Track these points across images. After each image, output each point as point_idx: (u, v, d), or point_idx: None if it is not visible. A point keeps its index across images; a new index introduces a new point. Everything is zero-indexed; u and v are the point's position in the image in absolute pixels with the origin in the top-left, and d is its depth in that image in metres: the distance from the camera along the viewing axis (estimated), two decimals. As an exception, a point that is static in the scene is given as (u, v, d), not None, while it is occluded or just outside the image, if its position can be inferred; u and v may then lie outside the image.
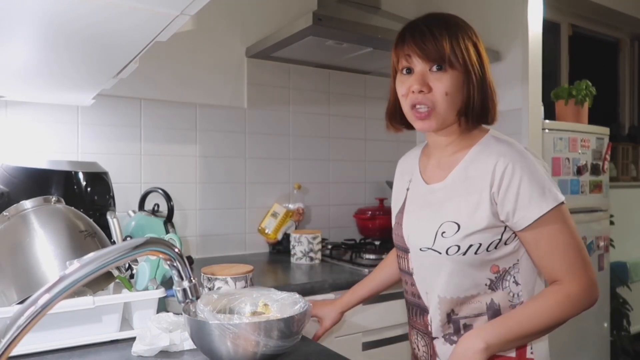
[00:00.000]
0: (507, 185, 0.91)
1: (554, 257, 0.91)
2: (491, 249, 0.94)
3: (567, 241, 0.91)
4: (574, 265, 0.90)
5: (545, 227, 0.90)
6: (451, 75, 0.94)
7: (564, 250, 0.91)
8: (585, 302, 0.90)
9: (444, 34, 0.94)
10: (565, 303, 0.89)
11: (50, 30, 0.82)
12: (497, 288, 0.96)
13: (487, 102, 0.99)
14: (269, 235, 2.14)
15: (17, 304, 0.96)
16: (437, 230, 0.97)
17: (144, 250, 0.67)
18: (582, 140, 2.38)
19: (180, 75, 2.03)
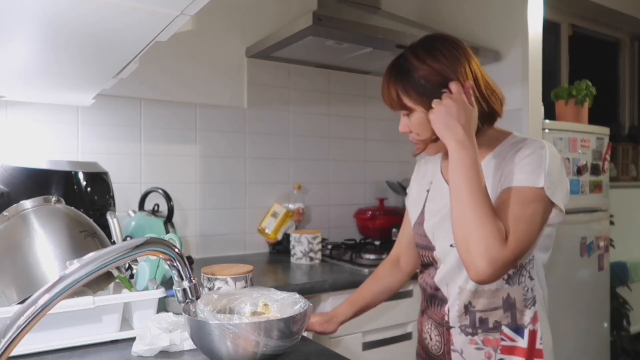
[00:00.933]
0: (511, 158, 0.96)
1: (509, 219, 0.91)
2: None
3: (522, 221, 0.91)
4: (516, 238, 0.89)
5: (515, 195, 0.92)
6: (415, 116, 1.02)
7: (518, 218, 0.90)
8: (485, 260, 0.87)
9: (394, 86, 1.03)
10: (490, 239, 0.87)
11: (50, 30, 0.82)
12: (514, 283, 1.00)
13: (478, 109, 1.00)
14: (269, 235, 2.14)
15: (17, 304, 0.96)
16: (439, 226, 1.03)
17: (144, 250, 0.67)
18: (582, 140, 2.38)
19: (180, 75, 2.03)
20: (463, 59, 0.98)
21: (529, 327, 1.01)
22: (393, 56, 1.14)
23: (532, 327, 1.01)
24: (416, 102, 0.99)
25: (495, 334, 1.01)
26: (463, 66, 0.97)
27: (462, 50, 1.00)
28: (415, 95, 0.99)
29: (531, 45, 2.14)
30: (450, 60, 0.97)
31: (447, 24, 2.43)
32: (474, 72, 0.99)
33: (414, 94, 0.99)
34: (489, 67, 2.28)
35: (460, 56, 0.98)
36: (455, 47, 1.00)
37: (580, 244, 2.36)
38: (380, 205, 2.43)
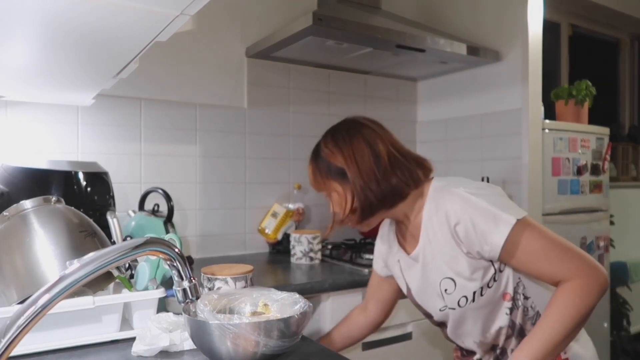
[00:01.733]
0: (464, 230, 0.96)
1: (542, 265, 0.94)
2: (492, 283, 1.00)
3: (543, 245, 0.94)
4: (564, 261, 0.93)
5: (517, 246, 0.94)
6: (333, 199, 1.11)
7: (545, 254, 0.93)
8: (594, 286, 0.91)
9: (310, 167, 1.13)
10: (575, 297, 0.91)
11: (50, 30, 0.82)
12: (514, 310, 1.03)
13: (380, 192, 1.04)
14: (269, 235, 2.14)
15: (17, 304, 0.96)
16: (439, 291, 1.04)
17: (144, 250, 0.67)
18: (582, 140, 2.38)
19: (180, 75, 2.03)
20: (363, 144, 1.04)
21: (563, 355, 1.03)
22: (393, 56, 1.16)
23: (563, 355, 1.03)
24: (327, 182, 1.08)
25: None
26: (361, 150, 1.04)
27: (365, 135, 1.05)
28: (325, 175, 1.08)
29: (531, 45, 2.14)
30: (350, 145, 1.05)
31: (446, 24, 2.43)
32: (376, 153, 1.04)
33: (324, 174, 1.08)
34: (489, 67, 2.28)
35: (361, 141, 1.05)
36: (358, 132, 1.06)
37: (580, 244, 2.36)
38: (380, 205, 2.43)
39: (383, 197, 1.04)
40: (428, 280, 1.06)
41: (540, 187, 2.19)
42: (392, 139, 1.08)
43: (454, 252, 0.99)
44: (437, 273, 1.03)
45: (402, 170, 1.04)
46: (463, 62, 2.27)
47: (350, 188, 1.05)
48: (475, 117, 2.37)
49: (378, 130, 1.08)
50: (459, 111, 2.46)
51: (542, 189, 2.20)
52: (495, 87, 2.27)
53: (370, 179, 1.03)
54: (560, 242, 0.95)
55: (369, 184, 1.03)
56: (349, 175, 1.04)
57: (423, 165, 1.08)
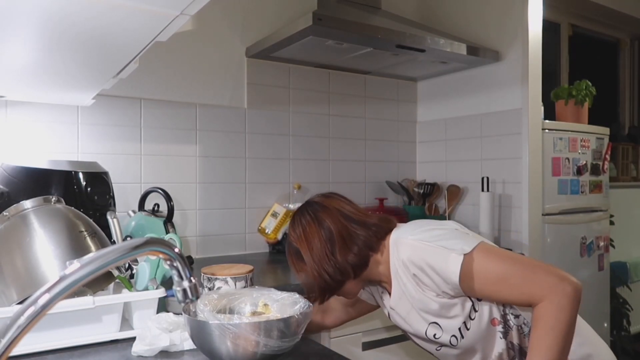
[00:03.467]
0: (423, 276, 0.98)
1: (506, 293, 0.94)
2: (474, 315, 1.00)
3: (500, 272, 0.94)
4: (526, 283, 0.92)
5: (473, 279, 0.94)
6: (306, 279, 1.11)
7: (505, 281, 0.94)
8: (565, 301, 0.89)
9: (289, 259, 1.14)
10: (551, 320, 0.89)
11: (50, 30, 0.82)
12: (508, 332, 1.02)
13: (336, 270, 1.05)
14: (269, 235, 2.14)
15: (17, 304, 0.96)
16: (429, 337, 1.05)
17: (144, 250, 0.67)
18: (582, 140, 2.38)
19: (180, 75, 2.03)
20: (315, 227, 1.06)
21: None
22: (393, 56, 1.16)
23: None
24: (296, 264, 1.10)
25: None
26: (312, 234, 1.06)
27: (317, 216, 1.08)
28: (293, 258, 1.10)
29: (531, 45, 2.14)
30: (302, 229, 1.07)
31: (447, 24, 2.43)
32: (327, 234, 1.05)
33: (292, 256, 1.10)
34: (489, 67, 2.28)
35: (313, 224, 1.07)
36: (312, 213, 1.08)
37: (580, 244, 2.36)
38: (380, 205, 2.43)
39: (341, 274, 1.05)
40: (415, 329, 1.08)
41: (540, 187, 2.19)
42: (344, 214, 1.09)
43: (425, 298, 1.00)
44: (419, 323, 1.05)
45: (357, 244, 1.05)
46: (463, 62, 2.27)
47: (309, 274, 1.07)
48: (475, 117, 2.37)
49: (330, 207, 1.09)
50: (459, 111, 2.46)
51: (542, 189, 2.20)
52: (495, 87, 2.27)
53: (324, 261, 1.04)
54: (518, 264, 0.95)
55: (324, 265, 1.04)
56: (305, 259, 1.06)
57: (382, 226, 1.08)
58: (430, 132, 2.63)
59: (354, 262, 1.05)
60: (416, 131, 2.70)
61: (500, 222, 2.24)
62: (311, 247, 1.05)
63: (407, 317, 1.08)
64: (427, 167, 2.64)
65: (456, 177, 2.47)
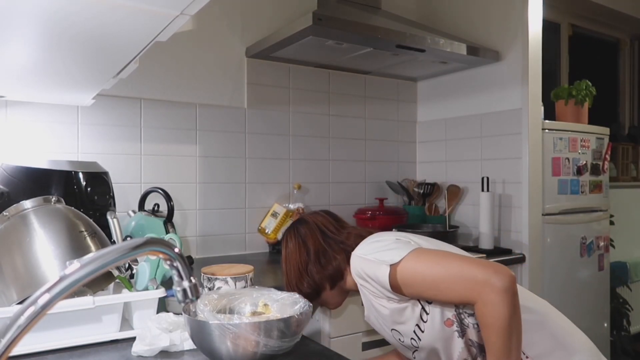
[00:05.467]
0: (367, 284, 1.06)
1: (439, 296, 0.99)
2: (426, 317, 1.03)
3: (425, 278, 0.98)
4: (454, 286, 0.96)
5: (402, 285, 1.00)
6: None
7: (433, 286, 0.98)
8: (496, 297, 0.90)
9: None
10: (489, 318, 0.92)
11: (50, 30, 0.82)
12: (465, 330, 1.03)
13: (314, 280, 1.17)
14: (269, 235, 2.14)
15: (17, 304, 0.96)
16: (397, 340, 1.11)
17: (144, 250, 0.67)
18: (582, 140, 2.38)
19: (180, 75, 2.03)
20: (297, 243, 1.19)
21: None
22: (393, 56, 1.18)
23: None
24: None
25: None
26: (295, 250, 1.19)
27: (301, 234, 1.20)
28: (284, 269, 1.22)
29: (531, 45, 2.14)
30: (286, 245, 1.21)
31: (447, 24, 2.43)
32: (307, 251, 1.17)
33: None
34: (489, 67, 2.28)
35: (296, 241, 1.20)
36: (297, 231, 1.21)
37: (580, 244, 2.36)
38: (380, 205, 2.43)
39: (316, 285, 1.17)
40: (387, 335, 1.15)
41: (540, 187, 2.19)
42: (323, 231, 1.19)
43: (379, 306, 1.07)
44: (386, 328, 1.12)
45: (330, 259, 1.16)
46: (463, 62, 2.27)
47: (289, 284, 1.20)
48: (475, 117, 2.37)
49: (310, 228, 1.20)
50: (459, 111, 2.46)
51: (542, 189, 2.20)
52: (495, 87, 2.27)
53: (299, 275, 1.17)
54: (448, 268, 0.97)
55: (300, 279, 1.17)
56: (285, 270, 1.20)
57: (357, 240, 1.14)
58: (430, 132, 2.63)
59: (329, 275, 1.16)
60: (416, 131, 2.70)
61: (500, 222, 2.24)
62: (289, 261, 1.19)
63: (378, 325, 1.15)
64: (427, 167, 2.64)
65: (456, 177, 2.47)
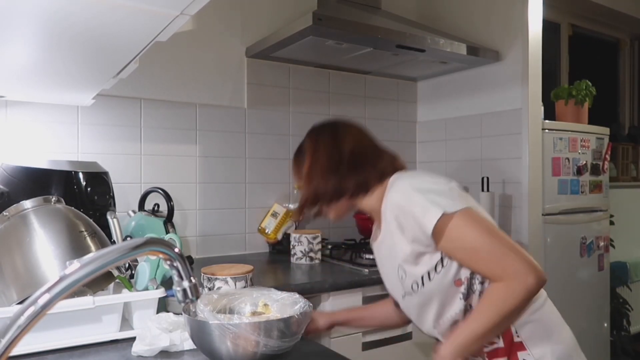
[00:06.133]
0: (404, 219, 1.01)
1: (473, 262, 0.97)
2: (439, 269, 1.01)
3: (472, 243, 0.96)
4: (492, 262, 0.95)
5: (443, 239, 0.96)
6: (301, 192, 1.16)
7: (473, 253, 0.96)
8: (519, 289, 0.92)
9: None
10: (498, 299, 0.93)
11: (50, 30, 0.82)
12: (470, 295, 1.02)
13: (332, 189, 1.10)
14: (269, 235, 2.14)
15: (17, 304, 0.96)
16: (397, 277, 1.07)
17: (144, 250, 0.67)
18: (582, 140, 2.38)
19: (180, 75, 2.03)
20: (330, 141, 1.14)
21: None
22: (393, 56, 1.19)
23: None
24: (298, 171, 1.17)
25: None
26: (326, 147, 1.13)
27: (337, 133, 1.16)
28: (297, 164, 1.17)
29: (531, 45, 2.14)
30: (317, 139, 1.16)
31: (447, 24, 2.43)
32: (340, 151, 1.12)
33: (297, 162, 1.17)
34: (489, 67, 2.28)
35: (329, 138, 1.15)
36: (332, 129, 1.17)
37: (580, 244, 2.36)
38: (380, 205, 2.43)
39: (336, 192, 1.10)
40: (389, 269, 1.11)
41: (540, 187, 2.19)
42: (363, 139, 1.16)
43: (401, 240, 1.03)
44: (393, 261, 1.07)
45: (364, 168, 1.10)
46: (463, 62, 2.26)
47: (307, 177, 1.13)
48: (475, 117, 2.37)
49: (351, 130, 1.17)
50: (459, 111, 2.46)
51: (542, 189, 2.20)
52: (495, 87, 2.27)
53: (325, 173, 1.10)
54: (494, 241, 0.96)
55: (324, 178, 1.10)
56: (307, 165, 1.13)
57: (393, 163, 1.13)
58: (430, 132, 2.63)
59: (356, 183, 1.09)
60: (416, 131, 2.70)
61: (500, 222, 2.24)
62: (317, 157, 1.12)
63: (386, 256, 1.11)
64: (427, 167, 2.64)
65: (456, 177, 2.45)
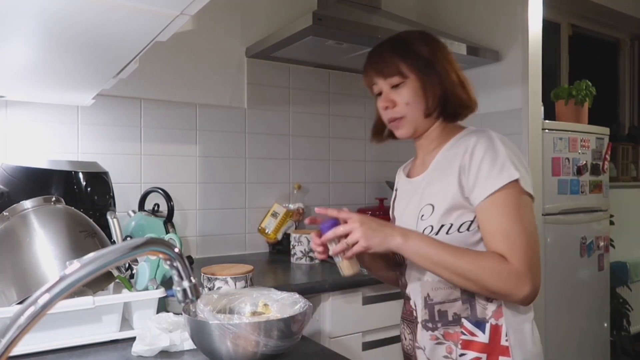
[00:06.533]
0: (469, 162, 0.99)
1: (499, 236, 0.95)
2: (463, 230, 0.99)
3: (512, 221, 0.94)
4: (518, 248, 0.92)
5: (495, 205, 0.95)
6: (408, 86, 1.07)
7: (508, 230, 0.94)
8: (511, 284, 0.90)
9: (394, 54, 1.08)
10: (493, 270, 0.91)
11: (50, 30, 0.82)
12: None
13: (453, 100, 1.09)
14: (269, 235, 2.14)
15: (17, 304, 0.96)
16: (417, 214, 1.05)
17: (144, 250, 0.67)
18: (582, 140, 2.38)
19: (180, 75, 2.03)
20: (448, 53, 1.12)
21: (491, 321, 0.98)
22: None
23: (494, 321, 0.98)
24: (412, 69, 1.06)
25: (455, 327, 1.00)
26: (447, 57, 1.11)
27: (442, 45, 1.13)
28: (413, 62, 1.07)
29: (531, 45, 2.14)
30: (434, 48, 1.10)
31: (447, 24, 2.43)
32: (455, 68, 1.11)
33: (412, 61, 1.07)
34: (489, 67, 2.28)
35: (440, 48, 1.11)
36: (437, 41, 1.13)
37: (580, 244, 2.36)
38: (380, 205, 2.42)
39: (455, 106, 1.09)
40: (415, 202, 1.08)
41: (540, 187, 2.19)
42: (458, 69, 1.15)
43: (451, 183, 1.00)
44: (426, 197, 1.05)
45: (467, 97, 1.11)
46: (463, 62, 2.26)
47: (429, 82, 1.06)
48: (475, 117, 2.35)
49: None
50: (459, 111, 2.45)
51: (542, 189, 2.20)
52: (495, 87, 2.27)
53: (453, 83, 1.08)
54: (528, 232, 0.94)
55: (453, 85, 1.08)
56: (438, 68, 1.07)
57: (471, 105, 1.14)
58: (430, 132, 2.62)
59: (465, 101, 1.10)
60: (416, 131, 2.69)
61: (500, 222, 2.24)
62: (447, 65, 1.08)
63: (417, 191, 1.08)
64: (427, 167, 2.64)
65: (456, 177, 2.47)
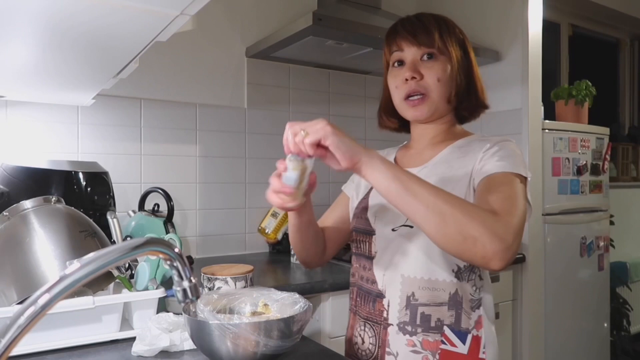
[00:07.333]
0: (482, 155, 0.94)
1: (492, 196, 0.85)
2: None
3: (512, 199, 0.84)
4: (509, 210, 0.81)
5: (497, 182, 0.87)
6: (442, 62, 1.00)
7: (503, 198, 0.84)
8: (498, 230, 0.76)
9: (433, 24, 1.02)
10: (481, 214, 0.77)
11: (50, 30, 0.82)
12: (464, 279, 0.95)
13: (473, 95, 1.04)
14: (269, 235, 2.14)
15: (17, 304, 0.96)
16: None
17: (144, 250, 0.67)
18: (582, 140, 2.38)
19: (180, 75, 2.03)
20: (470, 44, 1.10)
21: (473, 332, 0.95)
22: None
23: (475, 332, 0.95)
24: (451, 46, 1.02)
25: (436, 334, 0.94)
26: (470, 48, 1.08)
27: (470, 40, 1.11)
28: (453, 40, 1.03)
29: (531, 45, 2.14)
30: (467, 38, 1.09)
31: (447, 24, 2.43)
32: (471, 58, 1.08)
33: (453, 39, 1.03)
34: (489, 67, 2.28)
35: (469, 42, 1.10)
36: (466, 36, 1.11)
37: (580, 244, 2.36)
38: (380, 205, 2.43)
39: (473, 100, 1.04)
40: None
41: (540, 187, 2.19)
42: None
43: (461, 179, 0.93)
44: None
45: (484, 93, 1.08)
46: (463, 62, 2.26)
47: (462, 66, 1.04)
48: (475, 117, 2.37)
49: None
50: (459, 111, 2.46)
51: (542, 189, 2.20)
52: (495, 87, 2.27)
53: (477, 77, 1.06)
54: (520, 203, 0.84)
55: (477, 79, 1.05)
56: (470, 57, 1.06)
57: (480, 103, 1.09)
58: (430, 132, 2.63)
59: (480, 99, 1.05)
60: (416, 131, 2.70)
61: (500, 222, 2.24)
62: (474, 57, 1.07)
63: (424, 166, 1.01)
64: (427, 167, 2.64)
65: (456, 177, 2.47)
